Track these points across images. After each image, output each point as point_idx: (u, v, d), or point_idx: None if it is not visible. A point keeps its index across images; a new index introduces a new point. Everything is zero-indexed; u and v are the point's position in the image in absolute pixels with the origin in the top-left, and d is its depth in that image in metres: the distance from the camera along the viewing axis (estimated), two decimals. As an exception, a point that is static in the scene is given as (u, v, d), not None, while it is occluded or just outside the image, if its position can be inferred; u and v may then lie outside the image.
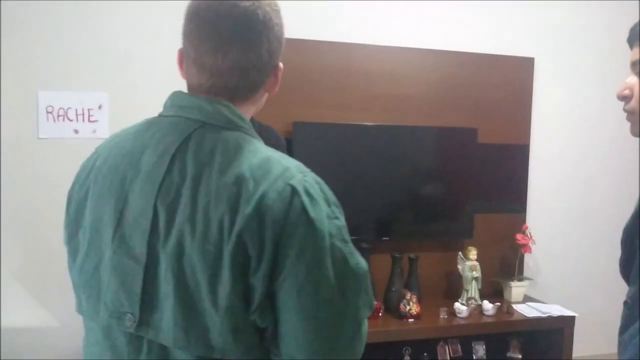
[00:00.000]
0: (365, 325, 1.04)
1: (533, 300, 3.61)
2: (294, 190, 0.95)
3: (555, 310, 3.42)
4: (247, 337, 0.96)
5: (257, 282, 0.93)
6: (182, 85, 1.15)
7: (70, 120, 2.96)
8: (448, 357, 3.42)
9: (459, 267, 3.45)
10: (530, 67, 3.74)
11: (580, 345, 3.64)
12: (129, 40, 3.03)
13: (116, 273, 1.01)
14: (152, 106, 1.22)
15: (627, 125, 1.21)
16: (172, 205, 0.97)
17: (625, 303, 1.10)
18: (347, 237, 1.00)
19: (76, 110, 2.96)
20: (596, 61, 3.91)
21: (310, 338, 0.95)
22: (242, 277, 0.93)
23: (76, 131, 2.97)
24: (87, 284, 1.06)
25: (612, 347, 4.21)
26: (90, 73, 2.98)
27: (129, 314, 0.99)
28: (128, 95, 3.02)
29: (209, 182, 0.96)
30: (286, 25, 1.12)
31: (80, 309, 1.10)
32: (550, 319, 3.34)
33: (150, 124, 1.09)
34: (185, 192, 0.97)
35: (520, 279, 3.64)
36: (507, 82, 3.65)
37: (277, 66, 1.11)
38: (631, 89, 1.17)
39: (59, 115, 2.94)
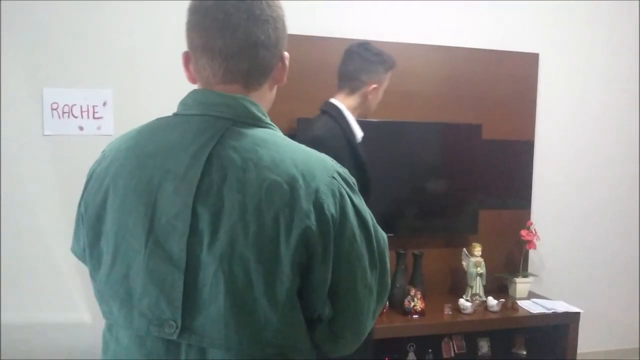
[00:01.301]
0: None
1: (538, 296, 3.60)
2: (338, 182, 1.00)
3: (560, 306, 3.41)
4: (300, 332, 0.99)
5: (324, 274, 0.97)
6: (188, 82, 1.15)
7: (75, 117, 2.97)
8: (452, 354, 3.43)
9: (464, 263, 3.45)
10: (535, 63, 3.72)
11: (585, 341, 3.65)
12: (133, 37, 3.03)
13: (153, 279, 0.97)
14: (157, 103, 1.21)
15: (632, 120, 1.19)
16: (216, 206, 0.95)
17: None
18: (374, 217, 1.08)
19: (81, 107, 2.97)
20: (600, 57, 3.89)
21: (363, 310, 1.04)
22: (303, 273, 0.96)
23: (81, 128, 2.97)
24: (116, 292, 1.01)
25: (617, 343, 4.23)
26: (95, 70, 2.99)
27: (171, 321, 0.96)
28: (132, 92, 3.03)
29: (257, 181, 0.95)
30: (291, 22, 1.14)
31: (110, 316, 1.05)
32: (555, 315, 3.33)
33: (173, 123, 1.06)
34: (230, 192, 0.95)
35: (525, 275, 3.63)
36: (512, 78, 3.64)
37: (283, 54, 1.11)
38: None
39: (64, 112, 2.95)
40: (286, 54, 1.12)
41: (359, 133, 2.41)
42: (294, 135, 3.02)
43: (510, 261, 3.71)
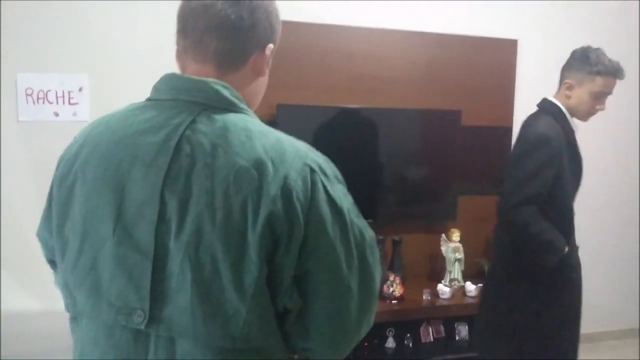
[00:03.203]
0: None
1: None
2: (312, 170, 0.97)
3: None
4: (268, 324, 0.96)
5: (288, 262, 0.94)
6: (165, 67, 1.13)
7: (50, 103, 2.92)
8: (431, 338, 3.45)
9: (442, 248, 3.48)
10: (514, 50, 3.74)
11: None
12: (110, 21, 2.98)
13: (120, 267, 0.95)
14: (134, 88, 1.19)
15: (608, 106, 1.18)
16: (184, 193, 0.93)
17: None
18: (358, 211, 1.04)
19: (56, 92, 2.92)
20: (579, 44, 3.91)
21: (342, 310, 0.99)
22: (268, 261, 0.93)
23: (56, 114, 2.93)
24: (83, 281, 0.99)
25: (592, 327, 4.28)
26: (71, 55, 2.93)
27: (139, 310, 0.94)
28: (109, 77, 2.98)
29: (225, 167, 0.93)
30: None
31: (73, 309, 1.03)
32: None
33: (143, 108, 1.04)
34: (198, 178, 0.93)
35: (503, 261, 3.67)
36: (491, 65, 3.65)
37: (266, 45, 1.09)
38: None
39: (38, 98, 2.90)
40: (270, 45, 1.10)
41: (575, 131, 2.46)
42: (274, 121, 3.01)
43: (488, 246, 3.74)
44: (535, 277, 2.40)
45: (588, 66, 2.36)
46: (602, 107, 2.40)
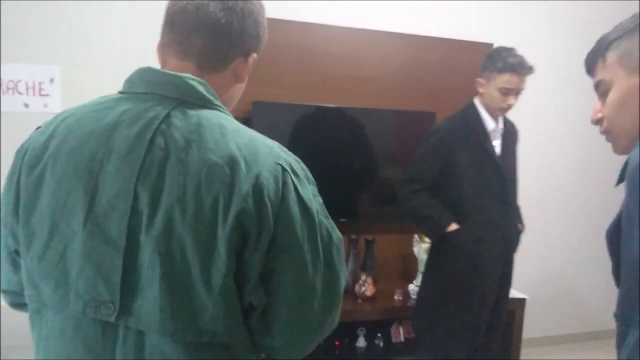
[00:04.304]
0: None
1: (486, 282, 3.68)
2: (283, 169, 0.98)
3: (507, 292, 3.48)
4: (235, 319, 0.97)
5: (256, 260, 0.94)
6: (138, 60, 1.11)
7: (20, 94, 2.86)
8: (402, 338, 3.47)
9: (415, 249, 3.49)
10: (489, 53, 3.77)
11: (530, 326, 3.75)
12: (83, 12, 2.93)
13: (90, 260, 0.95)
14: (107, 80, 1.17)
15: (583, 109, 1.21)
16: (156, 186, 0.93)
17: (615, 315, 1.09)
18: (327, 212, 1.05)
19: (26, 83, 2.86)
20: (554, 47, 3.98)
21: (306, 309, 1.00)
22: (237, 258, 0.94)
23: (26, 105, 2.87)
24: (51, 273, 0.98)
25: (560, 329, 4.35)
26: (42, 45, 2.88)
27: (109, 303, 0.94)
28: (81, 69, 2.93)
29: (198, 162, 0.93)
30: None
31: (37, 300, 1.01)
32: (502, 301, 3.40)
33: (116, 101, 1.03)
34: (171, 172, 0.93)
35: (474, 262, 3.70)
36: (466, 67, 3.67)
37: (250, 53, 1.11)
38: (601, 112, 1.17)
39: (8, 89, 2.84)
40: (254, 55, 1.12)
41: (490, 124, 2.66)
42: (249, 118, 2.99)
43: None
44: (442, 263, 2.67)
45: (492, 64, 2.57)
46: (513, 102, 2.58)
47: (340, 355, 3.25)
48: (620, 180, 1.04)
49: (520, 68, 2.52)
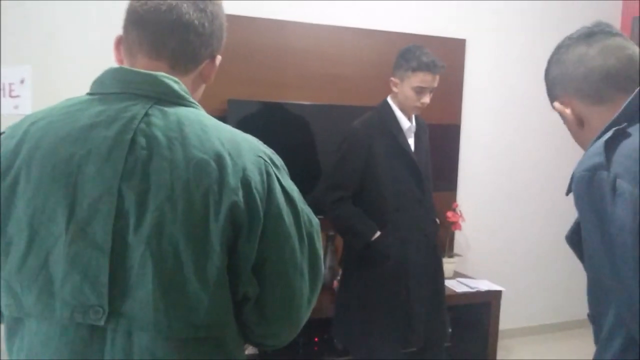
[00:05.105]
0: None
1: (462, 275, 3.73)
2: (265, 162, 1.01)
3: (484, 285, 3.54)
4: (228, 312, 0.99)
5: (250, 250, 0.97)
6: (110, 60, 1.10)
7: (-9, 95, 2.81)
8: (381, 333, 3.48)
9: (392, 244, 3.51)
10: (462, 49, 3.81)
11: (507, 317, 3.80)
12: (54, 12, 2.89)
13: (75, 265, 0.93)
14: (80, 81, 1.15)
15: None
16: (142, 186, 0.93)
17: (588, 316, 1.17)
18: (304, 200, 1.08)
19: (-4, 84, 2.82)
20: (525, 43, 4.02)
21: (296, 292, 1.03)
22: (229, 250, 0.96)
23: (-3, 106, 2.82)
24: (33, 281, 0.95)
25: (536, 319, 4.42)
26: (12, 46, 2.83)
27: (97, 307, 0.93)
28: (53, 69, 2.89)
29: (183, 160, 0.94)
30: (223, 1, 1.13)
31: (17, 310, 0.97)
32: (479, 293, 3.46)
33: (88, 102, 1.01)
34: (156, 171, 0.93)
35: (451, 256, 3.74)
36: (440, 63, 3.70)
37: (216, 55, 1.12)
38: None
39: (-23, 90, 2.79)
40: (219, 56, 1.13)
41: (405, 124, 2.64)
42: (224, 116, 2.98)
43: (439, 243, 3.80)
44: (360, 263, 2.62)
45: (406, 63, 2.55)
46: (427, 100, 2.59)
47: (318, 352, 3.25)
48: (570, 190, 1.14)
49: (433, 67, 2.52)
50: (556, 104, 1.26)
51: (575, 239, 1.15)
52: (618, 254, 0.98)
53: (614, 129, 1.07)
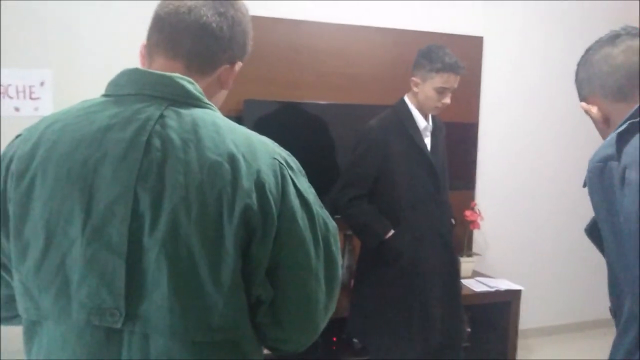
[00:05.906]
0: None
1: (481, 275, 3.70)
2: (280, 164, 1.00)
3: (503, 284, 3.51)
4: (243, 315, 0.98)
5: (263, 254, 0.96)
6: (131, 62, 1.11)
7: (11, 98, 2.85)
8: (399, 332, 3.47)
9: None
10: (480, 46, 3.78)
11: (526, 317, 3.77)
12: (74, 15, 2.91)
13: (92, 267, 0.93)
14: (99, 83, 1.15)
15: (573, 102, 1.32)
16: (157, 188, 0.93)
17: (610, 310, 1.19)
18: (321, 202, 1.07)
19: (17, 87, 2.85)
20: (543, 41, 3.99)
21: (312, 297, 1.02)
22: (243, 253, 0.95)
23: (17, 109, 2.86)
24: (50, 283, 0.95)
25: (556, 319, 4.38)
26: (33, 49, 2.86)
27: (114, 310, 0.93)
28: (73, 72, 2.92)
29: (197, 161, 0.94)
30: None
31: (36, 312, 0.98)
32: (498, 293, 3.43)
33: (103, 104, 1.01)
34: (170, 173, 0.93)
35: (469, 255, 3.72)
36: (457, 61, 3.68)
37: (236, 60, 1.12)
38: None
39: (-2, 93, 2.83)
40: (239, 62, 1.13)
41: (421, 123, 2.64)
42: (241, 116, 2.99)
43: (455, 241, 3.77)
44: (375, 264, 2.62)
45: (430, 64, 2.54)
46: (448, 101, 2.58)
47: (337, 352, 3.25)
48: (586, 182, 1.15)
49: (457, 68, 2.52)
50: (582, 103, 1.29)
51: (594, 231, 1.15)
52: (625, 243, 0.99)
53: (628, 122, 1.09)
